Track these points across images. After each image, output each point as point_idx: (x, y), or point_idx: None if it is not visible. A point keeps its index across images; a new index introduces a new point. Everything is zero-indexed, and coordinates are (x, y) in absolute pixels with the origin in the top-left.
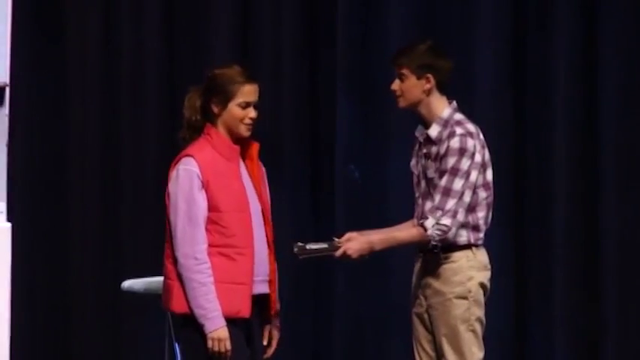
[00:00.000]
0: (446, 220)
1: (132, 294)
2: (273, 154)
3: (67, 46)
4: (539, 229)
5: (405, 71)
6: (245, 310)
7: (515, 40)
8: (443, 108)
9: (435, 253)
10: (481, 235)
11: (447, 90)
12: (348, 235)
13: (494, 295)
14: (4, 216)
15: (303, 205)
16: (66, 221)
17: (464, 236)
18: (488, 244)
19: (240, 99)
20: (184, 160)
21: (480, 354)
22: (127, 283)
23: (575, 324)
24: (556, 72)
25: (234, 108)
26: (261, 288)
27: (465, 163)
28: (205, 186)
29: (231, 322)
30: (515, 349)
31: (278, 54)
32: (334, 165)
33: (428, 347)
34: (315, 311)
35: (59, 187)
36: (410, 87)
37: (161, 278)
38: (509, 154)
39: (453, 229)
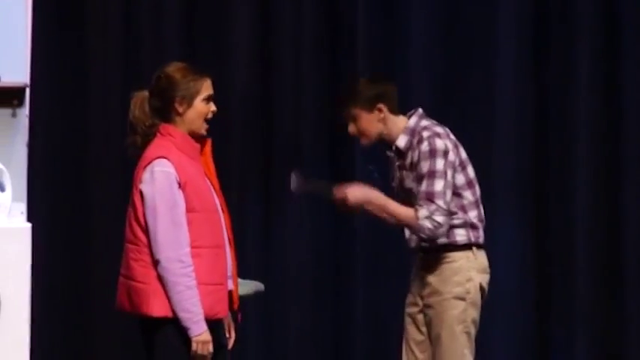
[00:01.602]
0: (439, 217)
1: None
2: (293, 155)
3: (87, 46)
4: (560, 230)
5: (355, 112)
6: (223, 311)
7: (537, 40)
8: (405, 122)
9: (436, 252)
10: (480, 232)
11: (398, 109)
12: (347, 184)
13: (515, 297)
14: (24, 216)
15: (323, 205)
16: (86, 221)
17: (463, 235)
18: (509, 246)
19: (204, 93)
20: (158, 161)
21: (471, 358)
22: None
23: (597, 326)
24: (578, 71)
25: (200, 104)
26: (230, 285)
27: (439, 164)
28: (183, 187)
29: (208, 323)
30: (537, 350)
31: (298, 54)
32: (354, 165)
33: (416, 349)
34: (336, 310)
35: (79, 187)
36: (366, 124)
37: None
38: (531, 155)
39: (444, 228)
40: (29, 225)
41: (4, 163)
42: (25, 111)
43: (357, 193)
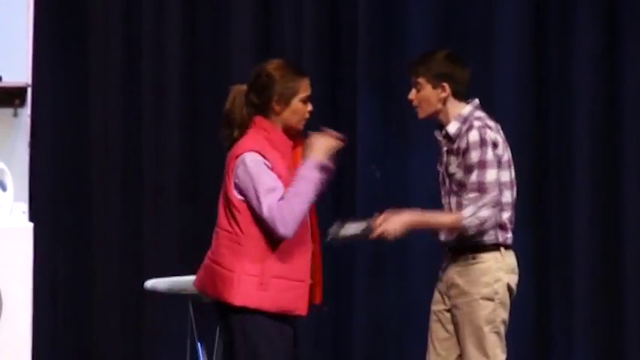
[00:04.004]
0: (485, 212)
1: (155, 293)
2: None
3: (88, 46)
4: (559, 229)
5: (421, 80)
6: (302, 309)
7: (536, 40)
8: (462, 110)
9: (463, 252)
10: (509, 234)
11: (465, 97)
12: (384, 215)
13: (515, 297)
14: (26, 216)
15: (325, 205)
16: (88, 221)
17: (492, 235)
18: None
19: (302, 94)
20: (249, 154)
21: (503, 356)
22: (150, 283)
23: (597, 327)
24: (577, 71)
25: (297, 104)
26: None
27: (489, 154)
28: None
29: (284, 319)
30: (536, 350)
31: (299, 56)
32: (356, 166)
33: (439, 346)
34: (336, 311)
35: (81, 186)
36: (426, 96)
37: (185, 278)
38: (531, 154)
39: (493, 220)
40: (31, 224)
41: (5, 163)
42: (26, 111)
43: (395, 225)
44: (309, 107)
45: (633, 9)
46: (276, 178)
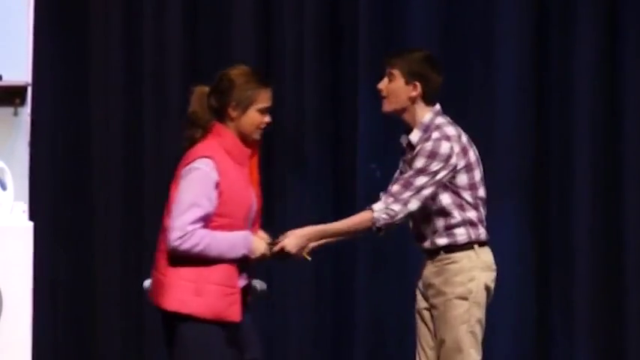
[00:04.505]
0: (395, 206)
1: None
2: (295, 154)
3: (88, 45)
4: (560, 232)
5: (395, 72)
6: (236, 315)
7: (537, 38)
8: (424, 117)
9: (437, 253)
10: (481, 230)
11: (433, 102)
12: (287, 233)
13: (515, 293)
14: (26, 215)
15: (325, 204)
16: (88, 220)
17: (463, 234)
18: (510, 243)
19: (260, 104)
20: (200, 160)
21: (478, 357)
22: (149, 283)
23: (597, 329)
24: (578, 72)
25: (254, 114)
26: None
27: (434, 165)
28: (220, 192)
29: (222, 325)
30: (537, 350)
31: (300, 52)
32: (356, 164)
33: (426, 345)
34: (336, 310)
35: (81, 186)
36: (396, 89)
37: None
38: (531, 156)
39: (401, 216)
40: (31, 224)
41: (5, 162)
42: (26, 110)
43: (296, 240)
44: (267, 119)
45: (635, 9)
46: (210, 198)
